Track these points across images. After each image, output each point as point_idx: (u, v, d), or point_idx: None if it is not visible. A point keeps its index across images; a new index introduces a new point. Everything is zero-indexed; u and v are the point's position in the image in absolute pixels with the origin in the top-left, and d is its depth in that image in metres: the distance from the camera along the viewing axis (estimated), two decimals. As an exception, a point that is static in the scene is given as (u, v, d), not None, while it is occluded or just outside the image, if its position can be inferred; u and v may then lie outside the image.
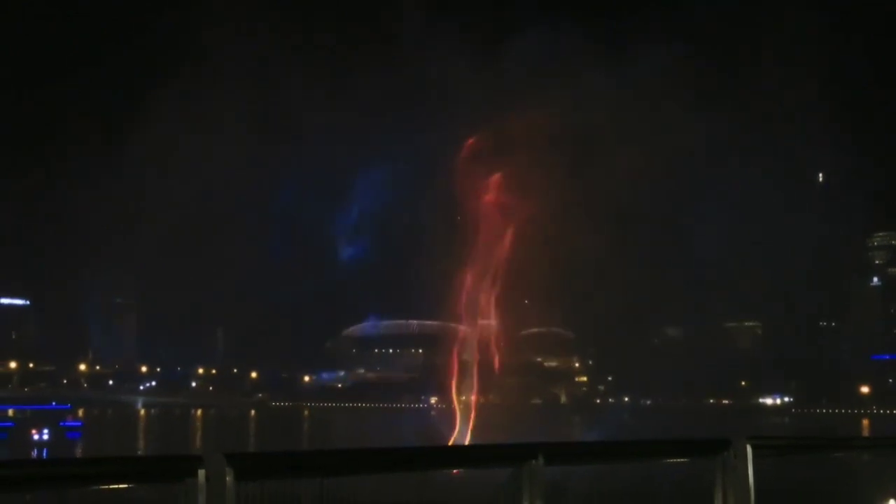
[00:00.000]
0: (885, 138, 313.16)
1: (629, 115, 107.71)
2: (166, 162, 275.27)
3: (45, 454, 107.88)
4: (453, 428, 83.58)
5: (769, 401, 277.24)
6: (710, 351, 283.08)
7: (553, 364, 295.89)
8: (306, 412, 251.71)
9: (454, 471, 9.87)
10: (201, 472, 6.45)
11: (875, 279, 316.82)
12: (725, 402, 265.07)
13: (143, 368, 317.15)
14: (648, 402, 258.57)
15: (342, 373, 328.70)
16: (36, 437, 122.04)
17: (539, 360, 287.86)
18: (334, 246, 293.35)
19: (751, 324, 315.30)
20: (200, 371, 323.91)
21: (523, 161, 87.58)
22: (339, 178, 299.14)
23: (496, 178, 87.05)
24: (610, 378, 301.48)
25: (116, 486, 6.68)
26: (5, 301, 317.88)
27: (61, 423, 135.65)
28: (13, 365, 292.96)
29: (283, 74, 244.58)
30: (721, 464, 9.45)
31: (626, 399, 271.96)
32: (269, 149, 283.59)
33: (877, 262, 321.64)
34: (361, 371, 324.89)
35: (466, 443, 71.45)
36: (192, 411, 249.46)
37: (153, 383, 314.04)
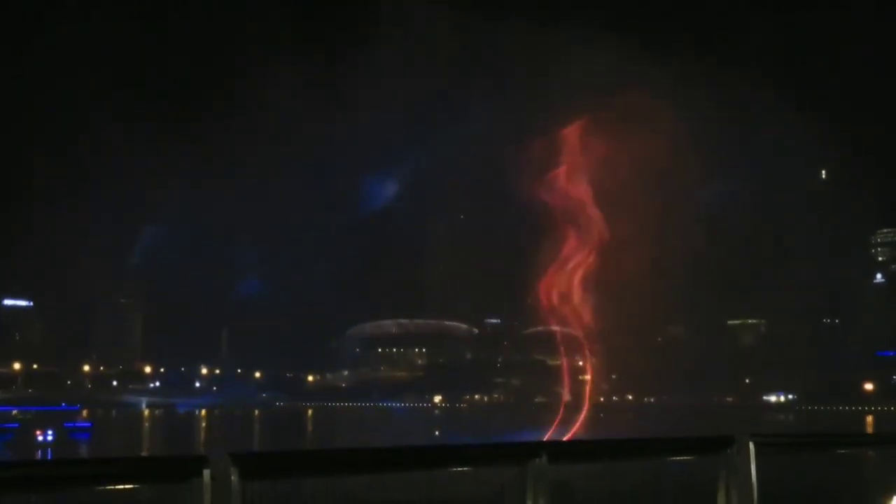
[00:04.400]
0: (890, 135, 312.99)
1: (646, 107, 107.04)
2: (174, 162, 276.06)
3: (48, 455, 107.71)
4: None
5: (773, 398, 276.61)
6: (714, 349, 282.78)
7: (556, 362, 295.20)
8: (310, 412, 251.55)
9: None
10: (206, 472, 6.47)
11: (879, 276, 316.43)
12: (729, 399, 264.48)
13: (147, 369, 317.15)
14: (652, 401, 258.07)
15: (346, 372, 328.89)
16: (40, 437, 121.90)
17: (541, 358, 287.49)
18: (341, 244, 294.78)
19: (755, 321, 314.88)
20: (204, 371, 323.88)
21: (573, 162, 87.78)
22: (349, 179, 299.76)
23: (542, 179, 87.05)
24: (614, 376, 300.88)
25: (123, 487, 6.70)
26: (9, 302, 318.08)
27: (67, 424, 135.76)
28: (17, 366, 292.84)
29: (308, 74, 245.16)
30: (724, 461, 9.49)
31: (630, 397, 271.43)
32: (277, 147, 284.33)
33: (881, 258, 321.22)
34: (365, 370, 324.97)
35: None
36: (197, 412, 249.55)
37: (157, 384, 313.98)
